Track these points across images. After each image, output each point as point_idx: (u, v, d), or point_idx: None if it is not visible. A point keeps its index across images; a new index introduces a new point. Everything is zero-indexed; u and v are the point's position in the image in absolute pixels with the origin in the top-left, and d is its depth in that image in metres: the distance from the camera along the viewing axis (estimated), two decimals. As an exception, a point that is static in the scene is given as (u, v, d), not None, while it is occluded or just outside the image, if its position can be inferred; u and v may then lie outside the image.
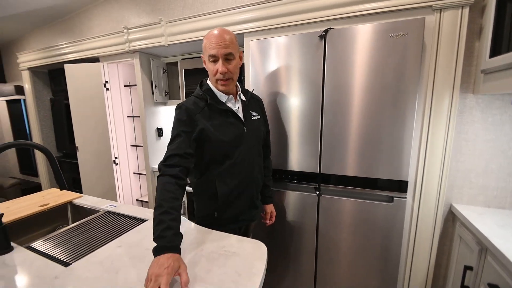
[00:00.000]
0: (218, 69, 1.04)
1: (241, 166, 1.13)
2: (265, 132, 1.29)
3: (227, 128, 1.09)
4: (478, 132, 1.34)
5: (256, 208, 1.26)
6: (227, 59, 1.05)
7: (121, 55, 2.26)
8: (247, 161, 1.15)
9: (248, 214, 1.23)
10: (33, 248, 0.96)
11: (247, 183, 1.17)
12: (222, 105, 1.10)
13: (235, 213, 1.18)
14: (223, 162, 1.10)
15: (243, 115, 1.16)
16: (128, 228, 1.11)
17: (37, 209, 1.32)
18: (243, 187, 1.16)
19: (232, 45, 1.05)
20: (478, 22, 1.25)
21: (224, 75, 1.05)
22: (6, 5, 2.39)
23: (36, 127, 3.17)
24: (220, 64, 1.03)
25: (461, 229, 1.31)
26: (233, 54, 1.05)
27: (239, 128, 1.12)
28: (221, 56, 1.03)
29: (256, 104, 1.27)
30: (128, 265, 0.84)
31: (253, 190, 1.20)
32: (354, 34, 1.27)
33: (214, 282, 0.75)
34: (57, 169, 1.07)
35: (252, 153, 1.17)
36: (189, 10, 2.01)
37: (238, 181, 1.13)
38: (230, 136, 1.09)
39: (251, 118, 1.19)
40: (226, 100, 1.12)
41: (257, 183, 1.22)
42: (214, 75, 1.07)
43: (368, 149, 1.33)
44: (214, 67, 1.05)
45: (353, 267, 1.48)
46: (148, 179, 2.35)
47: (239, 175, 1.13)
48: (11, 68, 3.53)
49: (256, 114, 1.22)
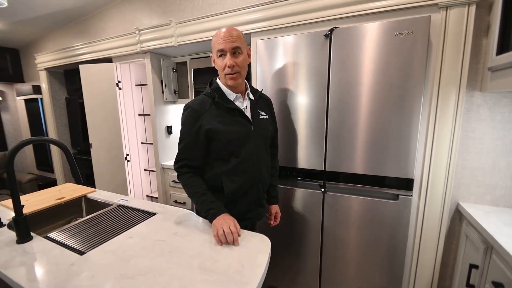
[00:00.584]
0: (226, 63, 1.06)
1: (248, 164, 1.15)
2: (273, 131, 1.29)
3: (233, 127, 1.11)
4: (486, 130, 1.32)
5: (262, 207, 1.28)
6: (235, 53, 1.07)
7: (133, 55, 2.33)
8: (254, 159, 1.16)
9: (254, 212, 1.24)
10: (51, 238, 1.03)
11: (253, 181, 1.18)
12: (230, 104, 1.11)
13: (242, 210, 1.19)
14: (230, 160, 1.13)
15: (251, 114, 1.17)
16: (139, 220, 1.16)
17: (54, 202, 1.39)
18: (249, 186, 1.17)
19: (239, 40, 1.07)
20: (485, 19, 1.24)
21: (232, 69, 1.06)
22: (27, 8, 2.50)
23: (52, 125, 3.30)
24: (228, 57, 1.06)
25: (467, 227, 1.30)
26: (241, 49, 1.07)
27: (246, 127, 1.13)
28: (228, 50, 1.05)
29: (265, 103, 1.28)
30: (138, 254, 0.89)
31: (259, 189, 1.22)
32: (360, 33, 1.28)
33: (219, 271, 0.79)
34: (73, 164, 1.13)
35: (259, 152, 1.18)
36: (198, 11, 2.05)
37: (245, 179, 1.15)
38: (237, 135, 1.11)
39: (259, 117, 1.20)
40: (234, 98, 1.13)
41: (264, 182, 1.23)
42: (222, 70, 1.09)
43: (373, 147, 1.34)
44: (223, 62, 1.07)
45: (358, 265, 1.49)
46: (158, 175, 2.41)
47: (245, 173, 1.15)
48: (29, 69, 3.69)
49: (264, 113, 1.23)
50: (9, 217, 1.15)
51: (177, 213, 1.23)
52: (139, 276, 0.77)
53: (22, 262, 0.86)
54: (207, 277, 0.76)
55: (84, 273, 0.79)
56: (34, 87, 3.38)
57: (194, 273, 0.78)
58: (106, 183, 2.76)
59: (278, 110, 1.54)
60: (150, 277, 0.76)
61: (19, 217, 0.97)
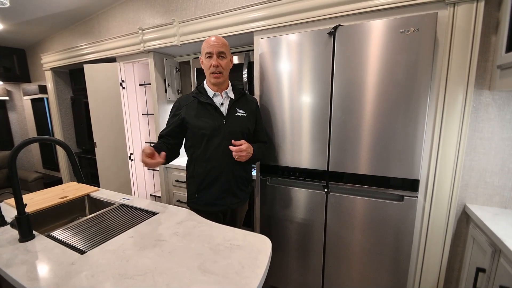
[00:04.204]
0: (212, 63, 1.26)
1: (216, 153, 1.30)
2: (251, 129, 1.40)
3: (205, 119, 1.29)
4: (494, 130, 1.29)
5: (236, 197, 1.39)
6: (220, 57, 1.28)
7: (136, 55, 2.33)
8: (222, 150, 1.30)
9: (227, 200, 1.37)
10: (53, 237, 1.03)
11: (221, 170, 1.32)
12: (206, 99, 1.31)
13: (213, 197, 1.35)
14: (200, 146, 1.31)
15: (228, 110, 1.33)
16: (141, 220, 1.16)
17: (57, 201, 1.40)
18: (217, 173, 1.32)
19: (224, 47, 1.29)
20: (494, 15, 1.21)
21: (216, 68, 1.27)
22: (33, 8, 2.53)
23: (57, 124, 3.34)
24: (214, 58, 1.27)
25: (474, 230, 1.27)
26: (225, 54, 1.29)
27: (218, 120, 1.30)
28: (215, 53, 1.26)
29: (248, 103, 1.41)
30: (139, 254, 0.88)
31: (230, 179, 1.34)
32: (364, 30, 1.26)
33: (218, 272, 0.78)
34: (75, 163, 1.13)
35: (227, 143, 1.30)
36: (201, 10, 2.05)
37: (212, 166, 1.31)
38: (207, 125, 1.28)
39: (235, 114, 1.34)
40: (212, 95, 1.32)
41: (235, 174, 1.36)
42: (208, 69, 1.29)
43: (378, 147, 1.32)
44: (209, 62, 1.27)
45: (361, 267, 1.46)
46: (161, 175, 2.42)
47: (213, 161, 1.31)
48: (35, 69, 3.73)
49: (243, 111, 1.37)
50: (13, 215, 1.15)
51: (178, 213, 1.22)
52: (138, 276, 0.76)
53: (24, 261, 0.86)
54: (206, 278, 0.75)
55: (84, 273, 0.79)
56: (40, 87, 3.42)
57: (194, 274, 0.77)
58: (110, 182, 2.78)
59: (279, 109, 1.53)
60: (149, 277, 0.76)
61: (21, 216, 0.97)
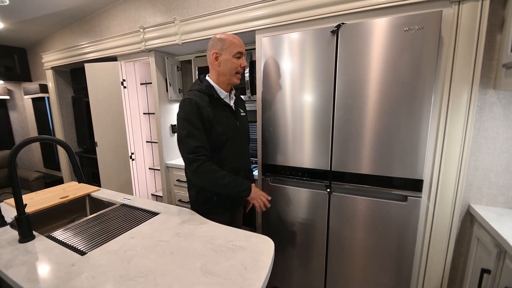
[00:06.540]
0: (241, 64, 1.21)
1: (234, 155, 1.29)
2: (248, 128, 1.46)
3: (226, 121, 1.24)
4: (499, 129, 1.27)
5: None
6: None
7: (138, 54, 2.32)
8: (239, 151, 1.31)
9: (240, 201, 1.37)
10: (53, 237, 1.02)
11: (238, 171, 1.31)
12: (225, 100, 1.26)
13: (231, 199, 1.29)
14: (221, 150, 1.24)
15: (235, 111, 1.31)
16: (142, 220, 1.15)
17: (57, 201, 1.39)
18: (235, 174, 1.27)
19: None
20: (500, 14, 1.19)
21: (244, 69, 1.28)
22: (34, 7, 2.52)
23: (58, 124, 3.33)
24: (244, 59, 1.22)
25: (479, 230, 1.26)
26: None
27: (233, 121, 1.28)
28: (244, 54, 1.22)
29: (242, 103, 1.43)
30: (140, 254, 0.87)
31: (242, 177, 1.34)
32: (367, 29, 1.25)
33: (221, 274, 0.77)
34: (75, 163, 1.12)
35: (242, 144, 1.35)
36: (203, 9, 2.03)
37: (231, 168, 1.26)
38: (228, 128, 1.24)
39: (240, 114, 1.35)
40: (224, 96, 1.26)
41: (245, 171, 1.40)
42: (235, 68, 1.21)
43: (381, 147, 1.30)
44: (239, 62, 1.21)
45: (364, 267, 1.45)
46: (162, 174, 2.41)
47: (232, 163, 1.28)
48: (36, 68, 3.72)
49: (243, 111, 1.39)
50: (13, 215, 1.14)
51: (179, 213, 1.21)
52: (139, 277, 0.75)
53: (24, 262, 0.85)
54: (209, 280, 0.74)
55: (85, 274, 0.78)
56: (41, 86, 3.41)
57: (196, 275, 0.76)
58: (111, 181, 2.77)
59: (282, 108, 1.51)
60: (150, 279, 0.75)
61: (21, 216, 0.96)
